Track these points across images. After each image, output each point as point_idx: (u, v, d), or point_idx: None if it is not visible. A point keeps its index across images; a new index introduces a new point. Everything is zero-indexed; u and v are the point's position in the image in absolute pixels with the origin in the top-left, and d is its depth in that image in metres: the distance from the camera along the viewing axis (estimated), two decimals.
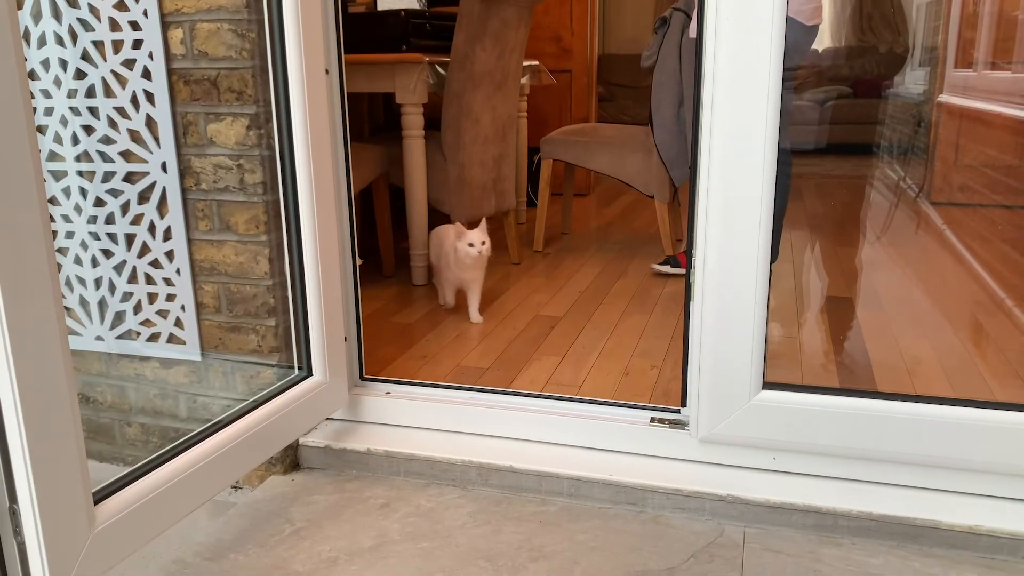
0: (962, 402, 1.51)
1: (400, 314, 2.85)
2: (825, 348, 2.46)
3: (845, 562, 1.45)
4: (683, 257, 3.23)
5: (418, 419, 1.85)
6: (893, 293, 3.06)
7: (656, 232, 3.57)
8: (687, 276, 1.61)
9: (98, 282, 1.81)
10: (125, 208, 1.75)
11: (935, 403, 1.52)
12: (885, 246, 3.88)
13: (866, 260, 3.59)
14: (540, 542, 1.55)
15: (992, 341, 2.54)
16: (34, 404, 1.09)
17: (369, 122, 4.09)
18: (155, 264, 1.77)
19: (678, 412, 1.69)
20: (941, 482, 1.53)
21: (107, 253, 1.79)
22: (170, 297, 1.77)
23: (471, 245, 2.51)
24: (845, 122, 5.67)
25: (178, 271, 1.75)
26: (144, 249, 1.76)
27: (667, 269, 3.23)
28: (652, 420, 1.69)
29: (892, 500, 1.52)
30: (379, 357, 2.35)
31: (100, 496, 1.25)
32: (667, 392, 2.05)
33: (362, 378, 1.94)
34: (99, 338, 1.85)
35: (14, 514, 1.12)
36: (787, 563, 1.45)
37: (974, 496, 1.51)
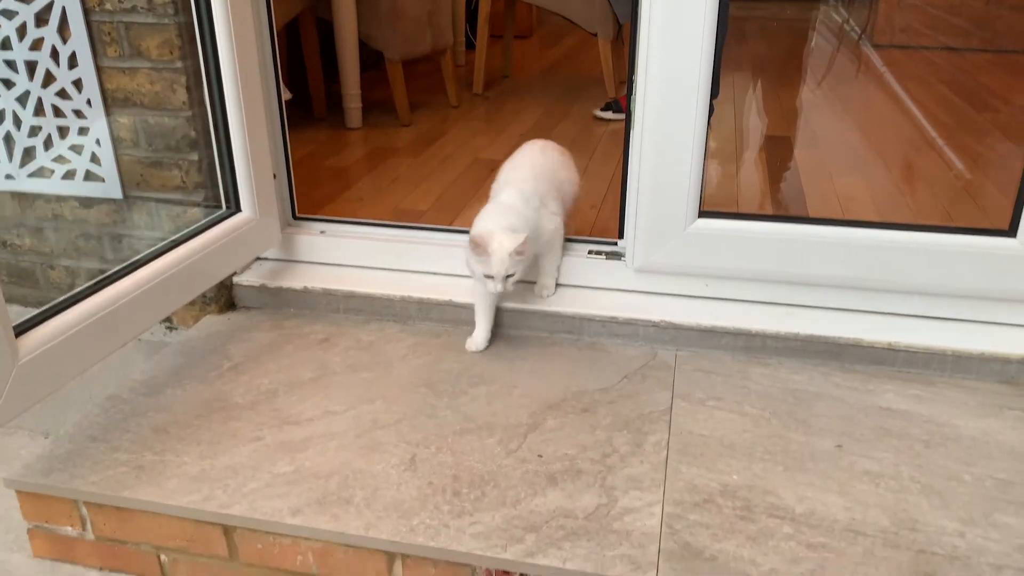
0: (885, 225, 1.55)
1: (334, 157, 2.76)
2: (762, 186, 2.48)
3: (771, 379, 1.52)
4: (624, 101, 3.16)
5: (355, 257, 1.82)
6: (831, 134, 3.07)
7: (600, 75, 3.47)
8: (628, 102, 1.57)
9: (0, 115, 1.68)
10: (22, 31, 1.60)
11: (859, 227, 1.55)
12: (825, 88, 3.86)
13: (806, 102, 3.58)
14: (480, 369, 1.57)
15: (922, 178, 2.59)
16: None
17: None
18: (62, 95, 1.64)
19: (615, 244, 1.70)
20: (863, 303, 1.59)
21: (7, 83, 1.65)
22: (83, 131, 1.66)
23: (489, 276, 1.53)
24: None
25: (88, 102, 1.63)
26: (48, 78, 1.63)
27: (609, 115, 3.16)
28: (589, 252, 1.70)
29: (817, 321, 1.57)
30: (313, 200, 2.28)
31: (21, 330, 1.21)
32: (605, 231, 2.05)
33: (295, 217, 1.89)
34: (9, 176, 1.74)
35: None
36: (716, 381, 1.52)
37: (893, 315, 1.58)
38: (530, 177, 1.67)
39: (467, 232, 1.77)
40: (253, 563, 1.26)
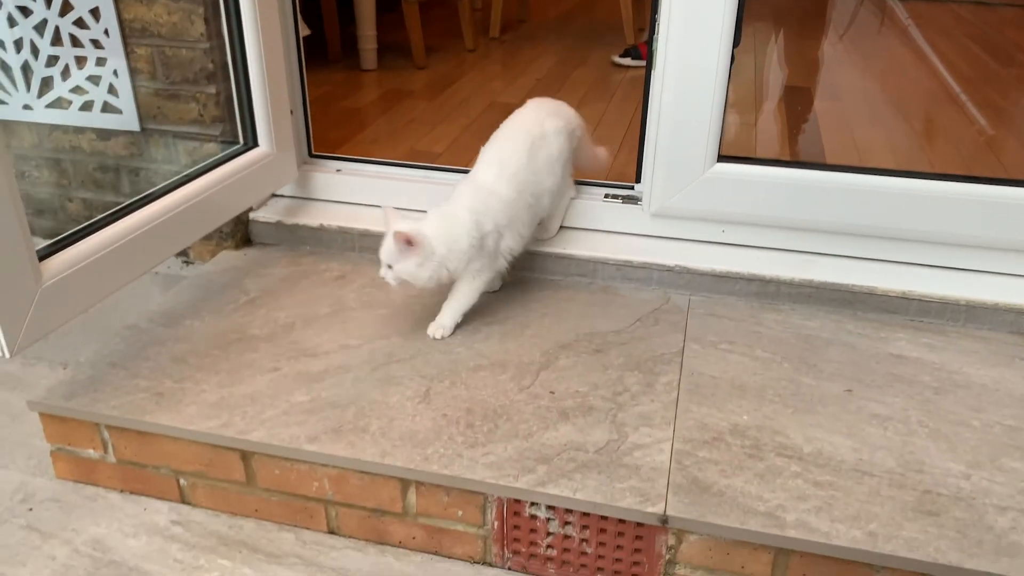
0: (902, 173, 1.54)
1: (349, 99, 2.74)
2: (781, 136, 2.46)
3: (784, 325, 1.53)
4: (644, 48, 3.11)
5: (371, 196, 1.82)
6: (852, 86, 3.03)
7: (618, 21, 3.41)
8: (649, 44, 1.55)
9: (18, 44, 1.68)
10: None
11: (877, 175, 1.54)
12: (848, 41, 3.79)
13: (828, 54, 3.52)
14: (493, 308, 1.59)
15: (943, 132, 2.56)
16: None
17: None
18: (80, 24, 1.63)
19: (631, 188, 1.69)
20: (878, 252, 1.58)
21: (24, 11, 1.64)
22: (100, 61, 1.66)
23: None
24: None
25: (106, 32, 1.62)
26: (66, 6, 1.62)
27: (627, 62, 3.12)
28: (606, 196, 1.70)
29: (832, 269, 1.57)
30: (328, 140, 2.27)
31: (44, 255, 1.23)
32: (621, 176, 2.04)
33: (311, 155, 1.89)
34: (27, 107, 1.74)
35: None
36: (729, 325, 1.52)
37: (908, 264, 1.58)
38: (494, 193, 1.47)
39: None
40: (270, 488, 1.29)
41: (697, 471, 1.18)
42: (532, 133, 1.54)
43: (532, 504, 1.18)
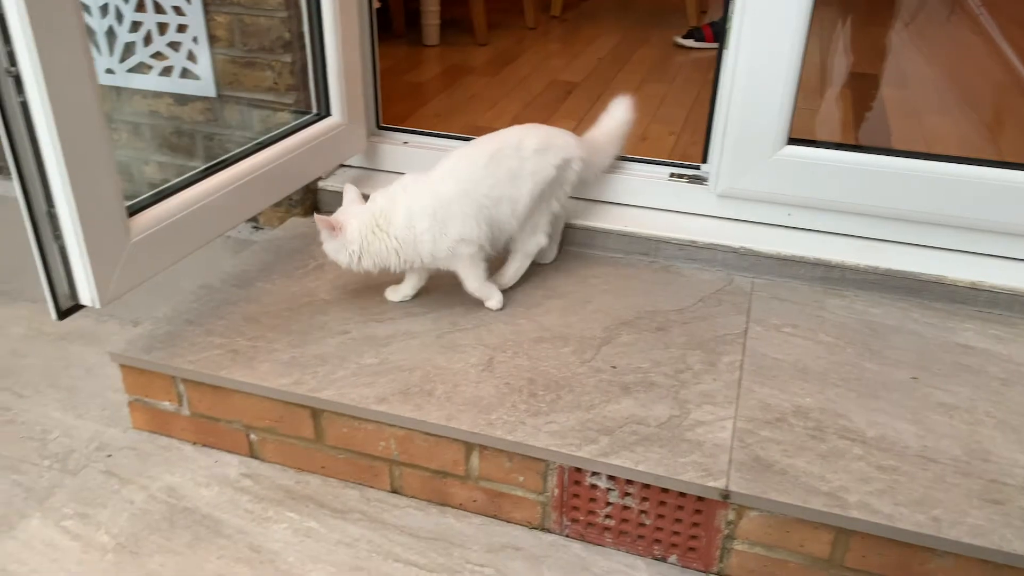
0: (975, 161, 1.51)
1: (411, 73, 2.77)
2: (845, 121, 2.42)
3: (848, 311, 1.52)
4: (708, 29, 3.08)
5: None
6: (920, 73, 2.96)
7: (681, 2, 3.38)
8: (724, 20, 1.54)
9: (104, 9, 1.73)
10: None
11: (949, 162, 1.51)
12: (916, 27, 3.70)
13: (895, 41, 3.44)
14: (553, 283, 1.61)
15: (1015, 122, 2.49)
16: (64, 111, 1.08)
17: None
18: None
19: (698, 168, 1.69)
20: (947, 241, 1.56)
21: None
22: (181, 28, 1.70)
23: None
24: None
25: None
26: None
27: (691, 43, 3.09)
28: (671, 175, 1.70)
29: (899, 256, 1.56)
30: (391, 114, 2.29)
31: (133, 211, 1.27)
32: (685, 157, 2.04)
33: (379, 126, 1.92)
34: (109, 71, 1.80)
35: (52, 217, 1.14)
36: (792, 309, 1.52)
37: (978, 255, 1.55)
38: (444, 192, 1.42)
39: None
40: (337, 446, 1.33)
41: (759, 449, 1.19)
42: (504, 142, 1.47)
43: (593, 473, 1.20)
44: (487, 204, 1.43)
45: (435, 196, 1.42)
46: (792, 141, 1.56)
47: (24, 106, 1.05)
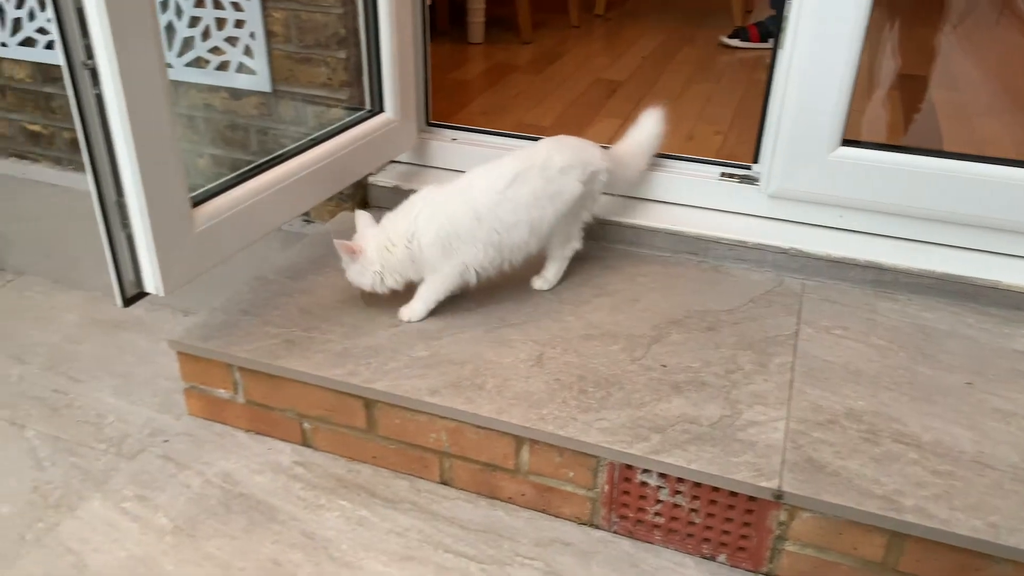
0: None
1: (456, 71, 2.79)
2: (894, 123, 2.39)
3: (900, 314, 1.51)
4: (754, 29, 3.06)
5: None
6: (970, 76, 2.91)
7: (726, 2, 3.36)
8: (779, 22, 1.53)
9: (164, 5, 1.77)
10: None
11: (1004, 164, 1.49)
12: (964, 30, 3.64)
13: (944, 43, 3.39)
14: (602, 281, 1.61)
15: None
16: (136, 104, 1.11)
17: None
18: None
19: (749, 168, 1.68)
20: (1003, 245, 1.54)
21: None
22: (239, 23, 1.73)
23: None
24: None
25: None
26: None
27: (736, 43, 3.07)
28: (722, 175, 1.69)
29: (954, 260, 1.54)
30: (437, 111, 2.31)
31: (196, 202, 1.30)
32: (732, 156, 2.02)
33: (428, 123, 1.94)
34: (168, 65, 1.83)
35: (121, 207, 1.17)
36: (843, 311, 1.51)
37: None
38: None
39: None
40: (389, 436, 1.35)
41: (812, 451, 1.18)
42: (530, 161, 1.43)
43: (644, 471, 1.21)
44: (498, 230, 1.40)
45: (445, 214, 1.40)
46: (846, 142, 1.55)
47: (99, 98, 1.08)
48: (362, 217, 1.48)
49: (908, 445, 1.19)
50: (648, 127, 1.68)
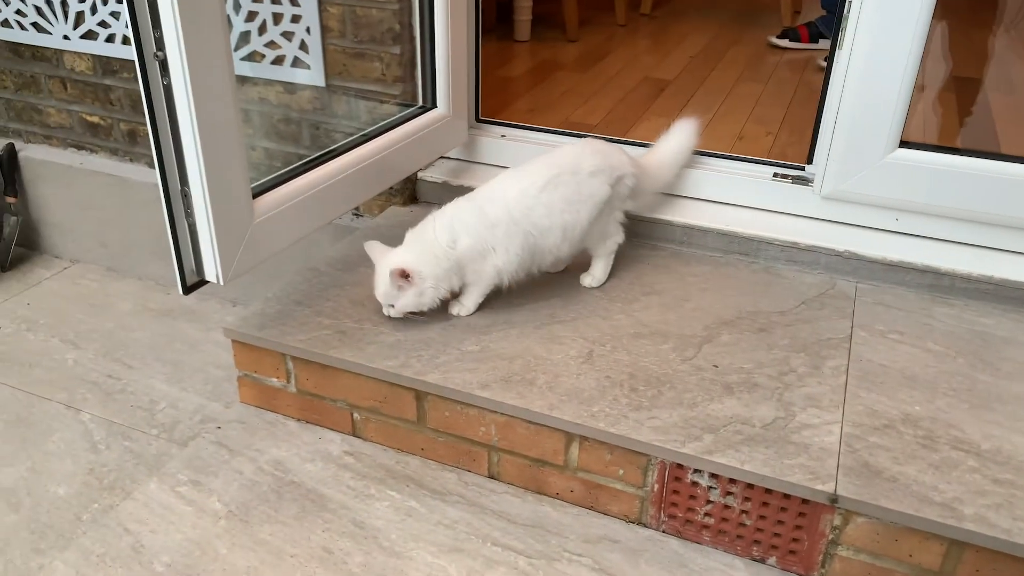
0: None
1: (503, 68, 2.79)
2: (947, 125, 2.35)
3: (957, 320, 1.48)
4: (804, 30, 3.02)
5: None
6: None
7: (774, 2, 3.32)
8: (836, 25, 1.51)
9: None
10: None
11: None
12: (1018, 31, 3.55)
13: (998, 45, 3.31)
14: (651, 279, 1.61)
15: None
16: (203, 95, 1.13)
17: None
18: None
19: (802, 169, 1.66)
20: None
21: None
22: (295, 18, 1.76)
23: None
24: None
25: None
26: None
27: (785, 43, 3.03)
28: (775, 175, 1.68)
29: (1013, 266, 1.51)
30: (485, 108, 2.32)
31: (256, 192, 1.33)
32: (783, 157, 2.00)
33: (478, 119, 1.95)
34: None
35: (185, 196, 1.20)
36: (898, 316, 1.49)
37: None
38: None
39: (642, 145, 1.77)
40: (439, 429, 1.36)
41: (868, 455, 1.17)
42: (560, 166, 1.44)
43: (695, 471, 1.20)
44: (534, 233, 1.41)
45: (482, 215, 1.40)
46: (904, 144, 1.52)
47: (168, 89, 1.11)
48: (375, 247, 1.45)
49: (967, 452, 1.17)
50: (678, 138, 1.66)
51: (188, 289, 1.28)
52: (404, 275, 1.36)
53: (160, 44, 1.08)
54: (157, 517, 1.30)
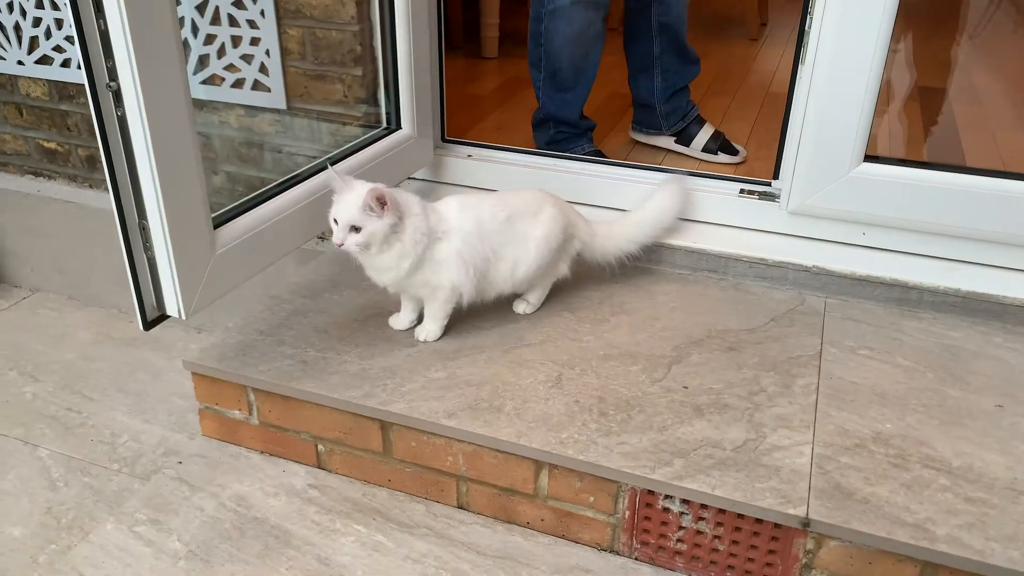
0: None
1: (470, 86, 2.78)
2: (911, 137, 2.36)
3: (926, 334, 1.47)
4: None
5: (500, 182, 1.84)
6: (990, 88, 2.88)
7: (739, 15, 3.34)
8: (799, 39, 1.51)
9: (179, 22, 1.76)
10: None
11: None
12: (982, 41, 3.60)
13: (962, 54, 3.35)
14: (621, 299, 1.59)
15: None
16: (159, 125, 1.10)
17: None
18: (238, 4, 1.70)
19: (769, 185, 1.66)
20: None
21: None
22: (254, 41, 1.73)
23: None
24: None
25: (262, 13, 1.69)
26: None
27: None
28: (741, 192, 1.67)
29: (981, 279, 1.51)
30: (451, 127, 2.30)
31: (217, 222, 1.29)
32: (751, 172, 2.01)
33: (444, 139, 1.93)
34: None
35: (144, 229, 1.16)
36: (867, 331, 1.48)
37: None
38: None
39: (612, 163, 1.76)
40: (405, 460, 1.33)
41: (839, 476, 1.15)
42: (526, 204, 1.45)
43: (666, 497, 1.18)
44: (490, 258, 1.40)
45: (451, 223, 1.38)
46: (869, 158, 1.52)
47: (122, 120, 1.07)
48: (347, 178, 1.35)
49: (939, 470, 1.16)
50: (654, 207, 1.60)
51: (149, 324, 1.24)
52: (382, 201, 1.28)
53: (113, 74, 1.05)
54: (114, 559, 1.25)
